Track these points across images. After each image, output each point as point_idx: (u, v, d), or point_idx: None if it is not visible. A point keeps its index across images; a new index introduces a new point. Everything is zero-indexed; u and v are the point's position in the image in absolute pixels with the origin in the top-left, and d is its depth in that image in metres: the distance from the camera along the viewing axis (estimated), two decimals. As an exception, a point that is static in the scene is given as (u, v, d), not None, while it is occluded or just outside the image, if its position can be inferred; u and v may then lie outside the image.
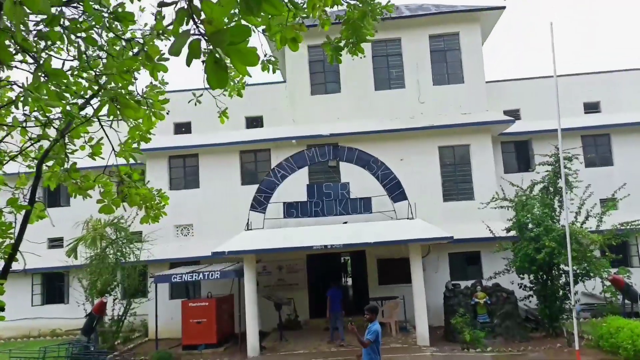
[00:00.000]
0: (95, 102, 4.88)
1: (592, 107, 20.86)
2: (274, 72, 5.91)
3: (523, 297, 15.54)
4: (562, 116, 20.32)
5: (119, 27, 4.77)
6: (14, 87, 4.81)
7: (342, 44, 5.70)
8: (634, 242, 19.14)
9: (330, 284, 16.21)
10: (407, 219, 15.65)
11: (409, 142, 18.88)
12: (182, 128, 20.51)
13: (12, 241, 4.82)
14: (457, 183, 19.03)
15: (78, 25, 4.36)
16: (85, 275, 16.50)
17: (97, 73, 4.66)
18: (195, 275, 15.64)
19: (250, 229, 15.85)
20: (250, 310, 14.99)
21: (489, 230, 15.82)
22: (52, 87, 4.08)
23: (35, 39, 4.36)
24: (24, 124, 5.00)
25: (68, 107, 4.44)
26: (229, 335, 16.75)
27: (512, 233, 15.59)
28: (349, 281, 22.75)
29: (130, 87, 4.68)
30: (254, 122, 20.41)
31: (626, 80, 20.87)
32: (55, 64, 5.12)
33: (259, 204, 16.05)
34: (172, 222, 19.23)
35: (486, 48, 58.09)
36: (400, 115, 19.28)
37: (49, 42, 4.55)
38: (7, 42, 3.74)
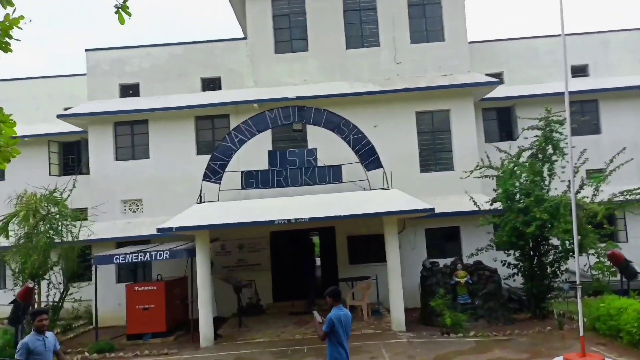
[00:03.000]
0: None
1: (579, 71, 19.37)
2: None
3: (507, 275, 14.19)
4: (547, 80, 19.07)
5: None
6: None
7: None
8: (621, 216, 17.88)
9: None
10: (382, 189, 13.96)
11: (384, 107, 17.12)
12: (130, 90, 18.29)
13: None
14: (435, 152, 17.38)
15: None
16: (13, 256, 14.38)
17: None
18: (141, 256, 13.70)
19: (204, 202, 13.96)
20: (203, 294, 13.19)
21: (473, 201, 14.30)
22: None
23: None
24: None
25: None
26: (181, 322, 14.92)
27: (497, 206, 14.11)
28: (317, 261, 21.16)
29: None
30: (211, 84, 18.30)
31: (617, 42, 19.45)
32: None
33: (214, 173, 14.12)
34: (119, 196, 17.33)
35: (468, 4, 55.96)
36: (374, 76, 17.50)
37: None
38: None
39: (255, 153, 15.47)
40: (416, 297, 15.03)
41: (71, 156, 19.83)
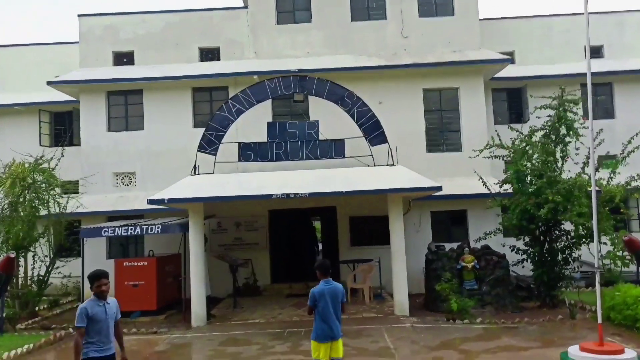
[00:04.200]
0: None
1: (593, 52, 18.46)
2: None
3: (515, 261, 13.48)
4: (560, 61, 18.23)
5: None
6: None
7: None
8: (635, 204, 17.18)
9: None
10: (387, 165, 13.21)
11: (390, 83, 16.36)
12: (124, 59, 17.51)
13: None
14: (443, 132, 16.68)
15: None
16: (-4, 226, 13.72)
17: None
18: (132, 229, 13.03)
19: (198, 174, 13.22)
20: (196, 271, 12.51)
21: (483, 182, 13.55)
22: None
23: None
24: None
25: None
26: (173, 301, 14.24)
27: (506, 187, 13.41)
28: (319, 246, 20.58)
29: None
30: (210, 54, 17.51)
31: (633, 22, 18.65)
32: None
33: (209, 144, 13.37)
34: (111, 169, 16.66)
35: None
36: (380, 51, 16.75)
37: None
38: None
39: (254, 126, 14.82)
40: (420, 283, 14.36)
41: (63, 127, 19.02)
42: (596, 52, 18.55)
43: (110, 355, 5.77)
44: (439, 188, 12.19)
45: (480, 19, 17.63)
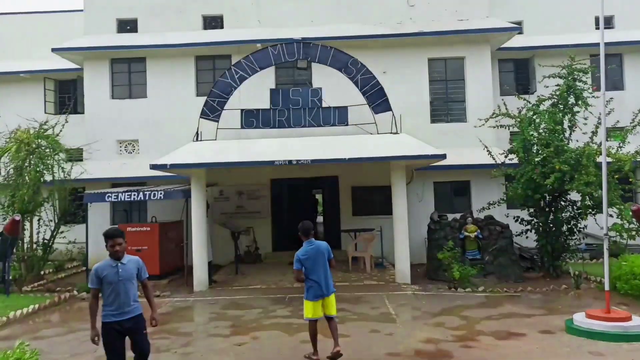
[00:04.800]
0: None
1: (604, 22, 18.13)
2: None
3: (519, 232, 13.42)
4: (570, 31, 17.93)
5: None
6: None
7: None
8: (640, 177, 16.95)
9: None
10: (391, 133, 13.08)
11: (394, 52, 16.17)
12: (127, 26, 17.35)
13: None
14: (448, 102, 16.49)
15: None
16: (2, 190, 13.78)
17: None
18: (134, 195, 13.05)
19: (200, 140, 13.15)
20: (198, 237, 12.54)
21: (488, 151, 13.44)
22: None
23: None
24: None
25: None
26: (176, 267, 14.29)
27: (511, 157, 13.26)
28: (320, 219, 20.53)
29: None
30: (213, 22, 17.32)
31: (646, -8, 18.21)
32: None
33: (212, 110, 13.23)
34: (114, 136, 16.64)
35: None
36: (386, 20, 16.50)
37: None
38: None
39: (256, 94, 14.70)
40: (422, 253, 14.36)
41: (67, 95, 19.00)
42: (606, 22, 18.12)
43: (130, 319, 5.39)
44: (443, 156, 12.08)
45: (488, -12, 17.31)
